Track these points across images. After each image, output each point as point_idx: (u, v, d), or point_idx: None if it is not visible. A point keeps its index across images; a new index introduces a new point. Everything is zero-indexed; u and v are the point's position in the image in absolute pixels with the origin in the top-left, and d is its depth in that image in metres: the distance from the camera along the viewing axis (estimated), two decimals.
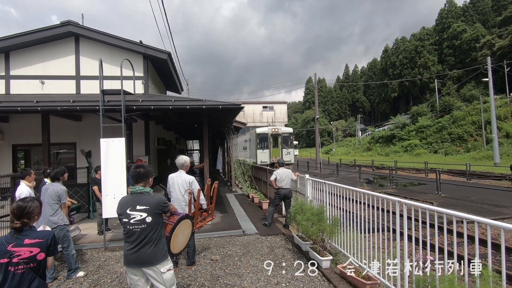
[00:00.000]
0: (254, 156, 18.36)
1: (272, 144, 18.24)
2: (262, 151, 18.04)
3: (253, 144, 19.32)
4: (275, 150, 18.39)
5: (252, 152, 19.33)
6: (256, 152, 18.09)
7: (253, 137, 19.26)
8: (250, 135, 21.32)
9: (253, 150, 18.96)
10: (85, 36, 9.24)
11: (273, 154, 18.11)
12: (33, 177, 4.75)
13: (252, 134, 19.57)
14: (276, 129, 18.62)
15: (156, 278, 2.58)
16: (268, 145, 18.18)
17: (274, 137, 18.52)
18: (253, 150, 18.96)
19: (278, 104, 42.16)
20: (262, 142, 18.32)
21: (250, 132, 21.76)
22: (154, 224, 2.55)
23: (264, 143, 18.33)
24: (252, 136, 19.48)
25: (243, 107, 7.62)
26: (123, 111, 5.88)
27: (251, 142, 20.01)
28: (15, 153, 9.33)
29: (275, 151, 18.39)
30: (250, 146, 20.97)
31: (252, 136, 19.48)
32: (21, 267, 1.96)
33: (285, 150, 18.38)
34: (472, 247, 5.47)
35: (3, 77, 9.11)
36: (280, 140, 18.49)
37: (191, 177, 4.50)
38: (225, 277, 4.18)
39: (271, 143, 18.14)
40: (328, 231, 4.40)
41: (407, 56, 62.45)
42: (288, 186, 6.67)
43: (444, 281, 2.50)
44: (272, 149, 18.23)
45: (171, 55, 10.10)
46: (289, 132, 19.15)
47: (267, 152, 18.16)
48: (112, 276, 4.35)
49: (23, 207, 2.08)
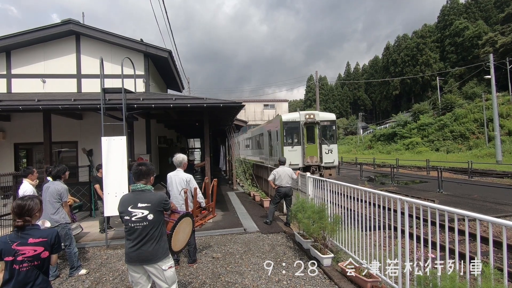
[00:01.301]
0: (278, 155, 12.79)
1: (306, 138, 12.51)
2: (291, 149, 12.33)
3: (274, 139, 13.94)
4: (311, 146, 12.50)
5: (274, 149, 14.01)
6: (281, 150, 12.60)
7: (275, 127, 13.73)
8: (268, 126, 15.55)
9: (276, 147, 13.67)
10: (86, 34, 9.24)
11: (308, 153, 12.35)
12: (36, 176, 4.77)
13: (275, 124, 13.90)
14: (311, 114, 12.67)
15: (158, 275, 2.59)
16: (300, 139, 12.52)
17: (309, 127, 12.69)
18: (276, 147, 13.67)
19: (279, 102, 42.12)
20: (291, 134, 12.76)
21: (269, 122, 15.91)
22: (156, 221, 2.55)
23: (293, 136, 12.77)
24: (274, 127, 13.93)
25: (244, 105, 7.61)
26: (124, 109, 5.89)
27: (272, 135, 14.54)
28: (17, 152, 9.36)
29: (311, 148, 12.50)
30: (268, 142, 15.37)
31: (274, 127, 13.93)
32: (26, 265, 2.01)
33: (326, 146, 12.50)
34: (474, 245, 5.46)
35: (4, 76, 9.13)
36: (319, 131, 12.59)
37: (188, 175, 4.51)
38: (226, 275, 4.19)
39: (304, 135, 12.42)
40: (329, 229, 4.40)
41: (409, 53, 62.13)
42: (288, 185, 6.67)
43: (445, 279, 2.50)
44: (307, 145, 12.43)
45: (172, 53, 10.09)
46: (330, 120, 13.10)
47: (298, 150, 12.35)
48: (114, 274, 4.37)
49: (22, 205, 2.12)
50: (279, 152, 12.95)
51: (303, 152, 12.41)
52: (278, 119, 13.23)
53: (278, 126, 13.15)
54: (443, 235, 6.05)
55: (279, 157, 7.44)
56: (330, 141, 12.79)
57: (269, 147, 15.36)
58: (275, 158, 12.53)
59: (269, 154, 15.26)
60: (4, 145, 9.03)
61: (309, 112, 12.94)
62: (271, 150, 14.86)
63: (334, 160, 12.69)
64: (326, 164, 12.32)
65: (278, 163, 7.08)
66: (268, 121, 17.07)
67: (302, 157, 12.43)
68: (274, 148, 14.17)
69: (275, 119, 14.24)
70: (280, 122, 12.78)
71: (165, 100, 7.09)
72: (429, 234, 2.81)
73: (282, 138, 12.63)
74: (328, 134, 13.04)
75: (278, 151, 13.09)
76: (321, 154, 12.45)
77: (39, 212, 2.21)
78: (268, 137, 15.50)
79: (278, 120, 13.17)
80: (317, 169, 12.08)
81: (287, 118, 12.84)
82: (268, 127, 15.63)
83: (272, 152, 14.53)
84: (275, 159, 12.33)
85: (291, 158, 11.95)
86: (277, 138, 13.43)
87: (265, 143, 16.37)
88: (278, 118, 13.54)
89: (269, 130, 15.25)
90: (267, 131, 15.71)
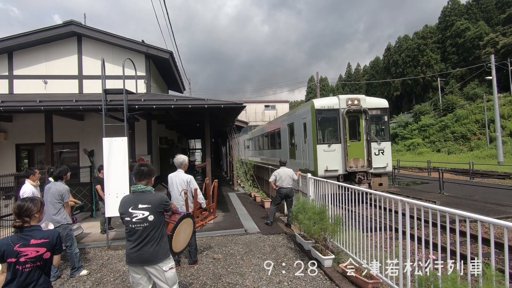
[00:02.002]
0: (306, 158, 9.78)
1: (348, 133, 9.18)
2: (328, 148, 9.05)
3: (300, 135, 10.50)
4: (355, 145, 9.30)
5: (299, 150, 10.62)
6: (312, 150, 9.26)
7: (302, 118, 10.29)
8: (289, 118, 12.08)
9: (302, 147, 10.27)
10: (88, 35, 9.28)
11: (351, 155, 9.12)
12: (38, 177, 4.78)
13: (301, 114, 10.40)
14: (356, 99, 9.37)
15: (158, 276, 2.59)
16: (339, 134, 9.15)
17: (353, 118, 9.44)
18: (302, 147, 10.27)
19: (280, 103, 42.15)
20: (327, 128, 9.59)
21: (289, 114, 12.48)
22: (156, 222, 2.56)
23: (330, 130, 9.58)
24: (300, 118, 10.49)
25: (245, 106, 7.62)
26: (126, 110, 5.90)
27: (295, 131, 11.16)
28: (19, 152, 9.38)
29: (356, 147, 9.28)
30: (288, 140, 12.02)
31: (300, 118, 10.49)
32: (28, 266, 2.03)
33: (375, 145, 9.38)
34: (475, 246, 5.44)
35: (6, 77, 9.17)
36: (366, 123, 9.29)
37: (189, 176, 4.52)
38: (227, 276, 4.19)
39: (346, 129, 9.10)
40: (330, 230, 4.39)
41: (410, 54, 62.06)
42: (289, 186, 6.67)
43: (446, 280, 2.49)
44: (350, 143, 9.19)
45: (173, 54, 10.12)
46: (382, 107, 9.78)
47: (337, 151, 9.11)
48: (115, 275, 4.37)
49: (21, 205, 2.14)
50: (308, 152, 9.61)
51: (344, 153, 9.02)
52: (308, 107, 9.75)
53: (307, 117, 9.69)
54: (444, 236, 6.04)
55: (281, 158, 7.34)
56: (381, 138, 9.62)
57: (289, 146, 12.00)
58: (301, 162, 10.28)
59: (290, 156, 11.71)
60: (5, 145, 9.05)
61: (352, 97, 9.45)
62: (293, 150, 11.30)
63: (387, 164, 9.42)
64: (376, 170, 9.20)
65: (279, 163, 7.08)
66: (287, 113, 13.13)
67: (343, 160, 8.98)
68: (299, 147, 10.63)
69: (303, 107, 10.65)
70: (312, 111, 9.20)
71: (166, 101, 7.11)
72: (430, 236, 2.81)
73: (314, 133, 9.12)
74: (379, 128, 9.88)
75: (308, 151, 9.65)
76: (370, 156, 9.15)
77: (39, 213, 2.22)
78: (288, 134, 12.14)
79: (308, 108, 9.60)
80: (364, 177, 8.95)
81: (322, 104, 9.29)
82: (289, 119, 11.99)
83: (296, 154, 10.97)
84: (300, 163, 10.30)
85: (327, 162, 8.93)
86: (304, 133, 10.04)
87: (283, 141, 12.97)
88: (307, 105, 10.02)
89: (290, 124, 11.81)
90: (286, 126, 12.18)
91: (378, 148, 9.41)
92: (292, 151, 11.62)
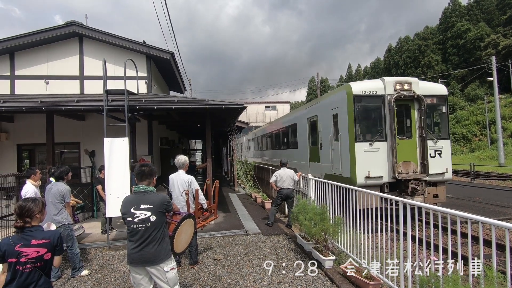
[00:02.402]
0: (337, 161, 7.58)
1: (396, 126, 7.06)
2: (369, 148, 7.02)
3: (326, 130, 8.33)
4: (406, 143, 7.22)
5: (325, 148, 8.40)
6: (349, 149, 7.10)
7: (330, 108, 8.06)
8: (310, 110, 9.67)
9: (329, 145, 8.06)
10: (89, 36, 9.30)
11: (401, 156, 7.04)
12: (39, 177, 4.79)
13: (330, 103, 8.15)
14: (406, 83, 7.26)
15: (160, 277, 2.59)
16: (384, 129, 7.15)
17: (402, 108, 7.38)
18: (329, 145, 8.06)
19: (281, 104, 42.14)
20: (367, 120, 7.48)
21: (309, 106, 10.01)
22: (158, 223, 2.56)
23: (371, 123, 7.47)
24: (328, 107, 8.23)
25: (246, 107, 7.63)
26: (127, 111, 5.92)
27: (319, 125, 8.86)
28: (20, 152, 9.41)
29: (406, 146, 7.20)
30: (308, 137, 9.78)
31: (328, 107, 8.23)
32: (29, 266, 2.03)
33: (432, 144, 7.29)
34: (477, 248, 5.43)
35: (8, 77, 9.20)
36: (419, 114, 7.24)
37: (190, 176, 4.53)
38: (228, 277, 4.19)
39: (394, 121, 7.03)
40: (331, 231, 4.39)
41: (411, 55, 62.05)
42: (289, 186, 6.66)
43: (448, 281, 2.49)
44: (398, 141, 7.07)
45: (174, 55, 10.14)
46: (439, 94, 7.67)
47: (382, 151, 7.07)
48: (115, 275, 4.38)
49: (23, 206, 2.14)
50: (341, 153, 7.32)
51: (392, 155, 6.84)
52: (341, 93, 7.36)
53: (340, 106, 7.40)
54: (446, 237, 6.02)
55: (280, 159, 7.28)
56: (438, 135, 7.50)
57: (309, 146, 9.66)
58: (328, 166, 8.03)
59: (311, 158, 9.46)
60: (7, 145, 9.07)
61: (401, 79, 7.22)
62: (316, 151, 8.97)
63: (447, 169, 7.24)
64: (432, 177, 7.07)
65: (280, 164, 7.08)
66: (306, 105, 10.53)
67: (391, 164, 6.83)
68: (325, 147, 8.29)
69: (332, 95, 8.30)
70: (348, 98, 7.03)
71: (167, 102, 7.12)
72: (432, 237, 2.81)
73: (351, 127, 6.92)
74: (435, 121, 7.84)
75: (340, 151, 7.35)
76: (425, 158, 6.93)
77: (40, 214, 2.22)
78: (308, 130, 9.83)
79: (342, 95, 7.32)
80: (419, 184, 6.81)
81: (362, 89, 6.99)
82: (311, 112, 9.56)
83: (320, 155, 8.63)
84: (327, 167, 8.04)
85: (369, 166, 6.77)
86: (334, 128, 7.75)
87: (301, 140, 10.61)
88: (339, 91, 7.62)
89: (311, 117, 9.40)
90: (306, 121, 9.83)
91: (434, 148, 7.28)
92: (314, 151, 9.29)
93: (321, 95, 26.74)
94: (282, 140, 13.55)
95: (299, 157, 10.66)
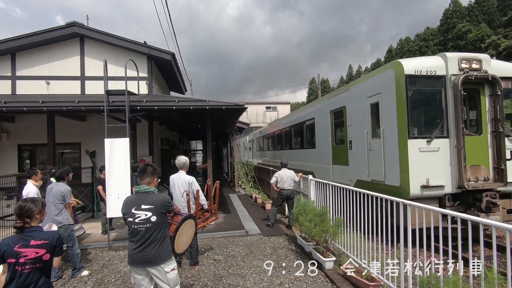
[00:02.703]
0: (379, 164, 5.80)
1: (464, 118, 5.12)
2: (427, 147, 5.14)
3: (362, 123, 6.52)
4: (475, 141, 5.38)
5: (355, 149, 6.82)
6: (398, 150, 5.30)
7: (371, 96, 6.17)
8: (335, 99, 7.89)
9: (375, 145, 6.01)
10: (90, 37, 9.33)
11: (470, 159, 5.17)
12: (40, 177, 4.80)
13: (374, 86, 6.10)
14: (474, 60, 5.24)
15: (160, 277, 2.60)
16: (445, 121, 5.26)
17: (471, 93, 5.51)
18: (375, 145, 6.01)
19: (282, 104, 42.13)
20: (422, 109, 5.79)
21: (348, 89, 7.39)
22: (159, 223, 2.56)
23: (427, 114, 5.77)
24: (366, 95, 6.37)
25: (247, 108, 7.63)
26: (128, 111, 5.93)
27: (351, 116, 7.02)
28: (21, 153, 9.43)
29: (474, 144, 5.33)
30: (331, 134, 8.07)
31: (366, 95, 6.37)
32: (28, 267, 2.02)
33: (508, 142, 5.37)
34: (477, 249, 5.42)
35: (9, 78, 9.22)
36: (493, 101, 5.34)
37: (190, 177, 4.53)
38: (228, 277, 4.19)
39: (461, 108, 5.04)
40: (331, 232, 4.39)
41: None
42: (290, 187, 6.66)
43: (448, 282, 2.49)
44: (465, 136, 5.14)
45: (174, 55, 10.16)
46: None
47: (443, 151, 5.22)
48: (116, 276, 4.38)
49: (22, 206, 2.14)
50: (385, 154, 5.69)
51: (459, 156, 5.19)
52: (385, 74, 5.76)
53: (383, 91, 5.82)
54: None
55: (282, 159, 7.27)
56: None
57: (332, 145, 8.01)
58: (362, 170, 6.46)
59: (335, 160, 7.89)
60: (8, 146, 9.10)
61: (468, 56, 5.54)
62: (342, 151, 7.45)
63: None
64: (510, 186, 5.37)
65: (280, 165, 7.08)
66: (329, 95, 8.77)
67: (456, 168, 5.21)
68: (357, 145, 6.77)
69: (371, 77, 6.45)
70: (396, 80, 5.41)
71: (168, 102, 7.13)
72: (432, 238, 2.81)
73: (401, 118, 5.33)
74: (508, 113, 5.83)
75: (384, 151, 5.71)
76: (501, 162, 5.30)
77: (40, 214, 2.21)
78: (330, 125, 8.05)
79: (387, 76, 5.70)
80: (495, 197, 5.18)
81: (416, 67, 5.37)
82: (335, 103, 7.84)
83: (349, 156, 7.09)
84: (361, 172, 6.47)
85: (426, 171, 5.19)
86: (370, 122, 6.24)
87: (320, 137, 8.83)
88: (383, 71, 5.94)
89: (336, 109, 7.74)
90: (328, 114, 8.10)
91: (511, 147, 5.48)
92: (339, 152, 7.60)
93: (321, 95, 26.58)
94: (295, 139, 11.67)
95: (317, 159, 8.99)
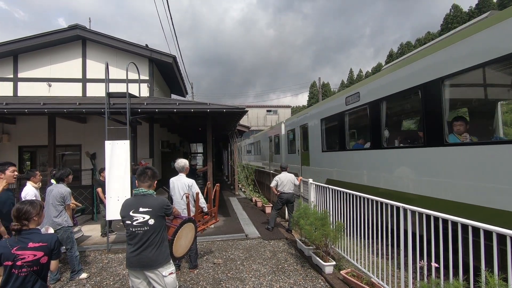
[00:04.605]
0: None
1: None
2: None
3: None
4: None
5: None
6: None
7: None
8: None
9: None
10: (92, 39, 9.39)
11: None
12: (39, 178, 4.79)
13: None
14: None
15: (158, 281, 2.57)
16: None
17: None
18: None
19: (282, 108, 42.18)
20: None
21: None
22: (157, 226, 2.55)
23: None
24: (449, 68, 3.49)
25: (247, 111, 7.63)
26: (128, 114, 5.94)
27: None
28: (21, 154, 9.43)
29: None
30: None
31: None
32: (25, 270, 1.99)
33: None
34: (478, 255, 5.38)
35: (11, 79, 9.27)
36: None
37: (190, 180, 4.52)
38: (227, 281, 4.16)
39: None
40: (332, 236, 4.36)
41: None
42: (290, 191, 6.64)
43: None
44: None
45: (176, 58, 10.20)
46: None
47: None
48: (114, 278, 4.35)
49: (20, 208, 2.12)
50: None
51: None
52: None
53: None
54: None
55: (282, 163, 7.29)
56: None
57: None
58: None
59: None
60: (8, 147, 9.11)
61: None
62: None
63: None
64: None
65: (280, 168, 7.06)
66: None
67: None
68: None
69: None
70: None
71: (168, 105, 7.14)
72: (432, 243, 2.79)
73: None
74: None
75: None
76: None
77: (38, 216, 2.20)
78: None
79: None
80: None
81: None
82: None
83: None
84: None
85: None
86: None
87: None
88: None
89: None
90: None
91: None
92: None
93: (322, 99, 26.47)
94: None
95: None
